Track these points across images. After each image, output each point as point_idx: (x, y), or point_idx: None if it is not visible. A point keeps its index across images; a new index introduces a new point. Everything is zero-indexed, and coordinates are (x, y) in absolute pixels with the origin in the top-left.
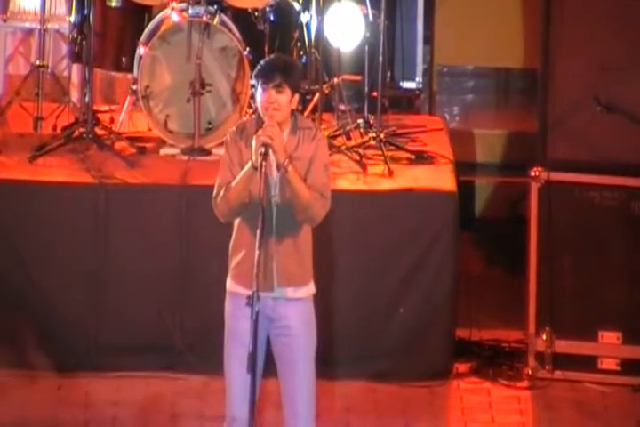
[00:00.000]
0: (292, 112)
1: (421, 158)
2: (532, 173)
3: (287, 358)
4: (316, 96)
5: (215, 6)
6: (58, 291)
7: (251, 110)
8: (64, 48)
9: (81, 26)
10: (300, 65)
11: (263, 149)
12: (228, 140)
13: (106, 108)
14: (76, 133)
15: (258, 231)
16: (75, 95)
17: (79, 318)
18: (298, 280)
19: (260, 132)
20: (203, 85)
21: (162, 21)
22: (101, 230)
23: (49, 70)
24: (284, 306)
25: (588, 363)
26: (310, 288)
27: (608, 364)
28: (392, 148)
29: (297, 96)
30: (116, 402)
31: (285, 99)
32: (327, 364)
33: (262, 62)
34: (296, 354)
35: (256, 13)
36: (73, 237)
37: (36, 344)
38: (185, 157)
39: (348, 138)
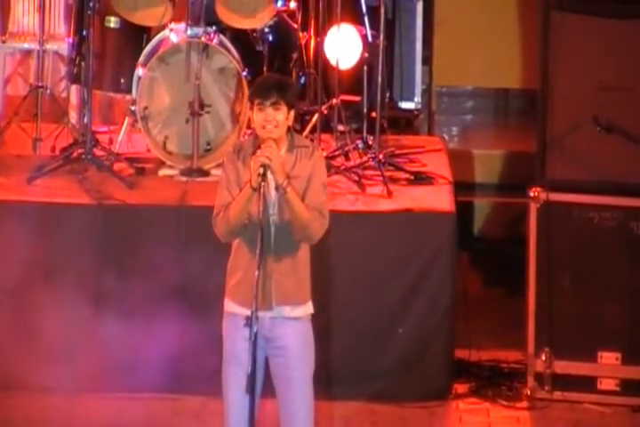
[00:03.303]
0: (289, 130)
1: (420, 179)
2: (531, 194)
3: (285, 378)
4: (315, 117)
5: (214, 27)
6: (60, 311)
7: (249, 131)
8: (63, 69)
9: (80, 47)
10: (294, 82)
11: (262, 170)
12: (226, 161)
13: (104, 129)
14: (75, 154)
15: (257, 251)
16: (73, 116)
17: (78, 339)
18: (295, 299)
19: (258, 152)
20: (201, 106)
21: (160, 42)
22: (100, 251)
23: (48, 91)
24: (281, 325)
25: (588, 383)
26: (308, 308)
27: (607, 384)
28: (391, 168)
29: (293, 113)
30: (116, 423)
31: (282, 116)
32: (326, 384)
33: (257, 81)
34: (293, 374)
35: (255, 34)
36: (72, 257)
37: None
38: (184, 178)
39: (347, 158)
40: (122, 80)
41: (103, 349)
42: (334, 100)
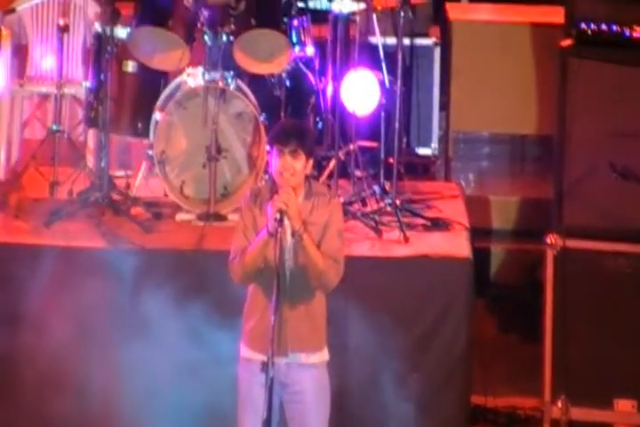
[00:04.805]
0: (307, 177)
1: (437, 225)
2: (548, 240)
3: (300, 423)
4: (332, 162)
5: (231, 72)
6: (73, 349)
7: (266, 176)
8: (80, 113)
9: (97, 91)
10: (313, 129)
11: (278, 216)
12: (243, 206)
13: (122, 173)
14: (92, 198)
15: (273, 297)
16: (91, 160)
17: (95, 381)
18: (310, 346)
19: (275, 198)
20: (219, 151)
21: (178, 87)
22: (117, 295)
23: (65, 135)
24: (296, 371)
25: None
26: (324, 354)
27: None
28: (408, 214)
29: (311, 161)
30: None
31: (300, 164)
32: None
33: (276, 128)
34: (309, 420)
35: (272, 79)
36: (88, 301)
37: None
38: (201, 223)
39: (364, 204)
40: (139, 124)
41: (118, 390)
42: (351, 146)
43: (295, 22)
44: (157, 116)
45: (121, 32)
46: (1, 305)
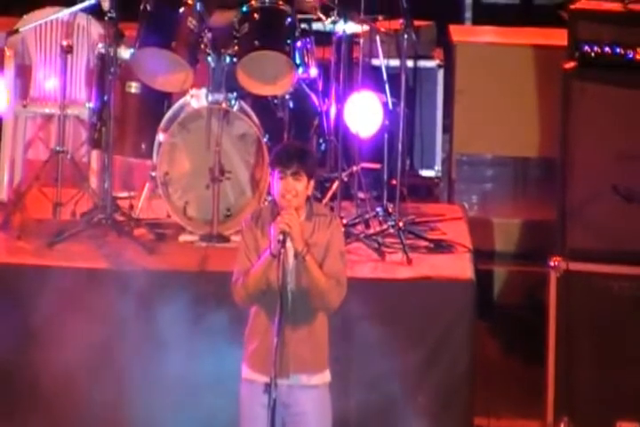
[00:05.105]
0: (308, 198)
1: (440, 247)
2: (552, 263)
3: None
4: (335, 184)
5: (235, 93)
6: (80, 376)
7: (269, 197)
8: (83, 134)
9: (100, 112)
10: (314, 151)
11: (281, 237)
12: (244, 228)
13: (125, 194)
14: (95, 219)
15: (276, 319)
16: (94, 181)
17: (98, 399)
18: (312, 367)
19: (278, 219)
20: (222, 172)
21: (182, 108)
22: (120, 315)
23: (68, 156)
24: (298, 393)
25: None
26: (325, 376)
27: None
28: (411, 236)
29: (312, 182)
30: None
31: (302, 186)
32: None
33: (278, 150)
34: None
35: (276, 101)
36: (90, 321)
37: None
38: (203, 244)
39: (367, 226)
40: (142, 145)
41: (125, 412)
42: (354, 168)
43: (299, 44)
44: (161, 137)
45: (124, 53)
46: (3, 325)
